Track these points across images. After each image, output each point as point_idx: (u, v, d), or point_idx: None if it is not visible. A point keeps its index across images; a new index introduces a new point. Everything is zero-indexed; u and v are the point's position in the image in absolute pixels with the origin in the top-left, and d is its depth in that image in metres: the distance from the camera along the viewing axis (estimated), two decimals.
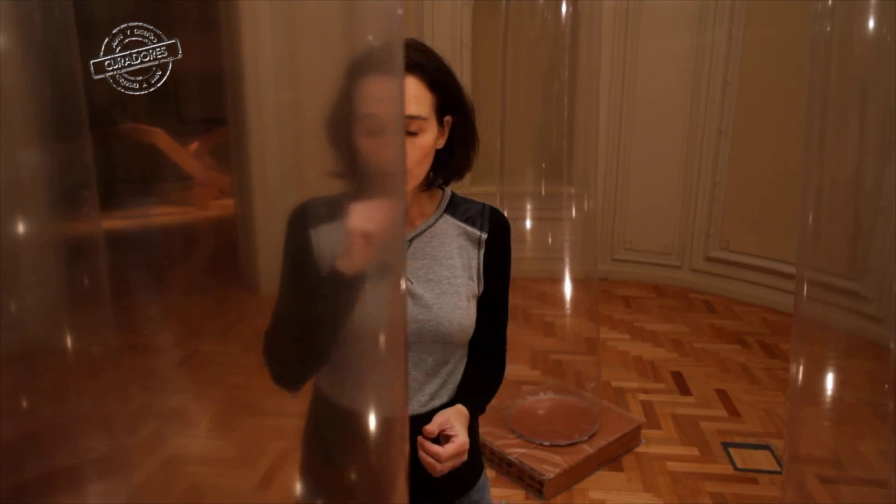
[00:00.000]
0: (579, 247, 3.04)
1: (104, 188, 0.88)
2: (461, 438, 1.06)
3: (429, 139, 1.05)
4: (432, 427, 1.06)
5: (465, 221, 1.18)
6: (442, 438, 1.08)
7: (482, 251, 1.17)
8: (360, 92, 0.85)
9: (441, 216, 1.17)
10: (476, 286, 1.17)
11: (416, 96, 1.03)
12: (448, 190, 1.20)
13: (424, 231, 1.14)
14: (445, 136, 1.10)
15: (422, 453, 1.05)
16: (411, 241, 1.13)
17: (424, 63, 1.04)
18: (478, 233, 1.17)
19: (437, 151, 1.10)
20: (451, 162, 1.13)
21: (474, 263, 1.16)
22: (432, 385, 1.14)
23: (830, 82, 1.44)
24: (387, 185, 0.76)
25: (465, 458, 1.07)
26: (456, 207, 1.18)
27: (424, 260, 1.13)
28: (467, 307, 1.14)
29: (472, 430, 1.26)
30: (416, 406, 1.13)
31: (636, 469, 2.78)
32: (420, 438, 1.05)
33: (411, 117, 1.02)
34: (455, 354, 1.17)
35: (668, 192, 4.96)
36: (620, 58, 4.84)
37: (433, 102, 1.05)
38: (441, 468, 1.05)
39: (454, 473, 1.22)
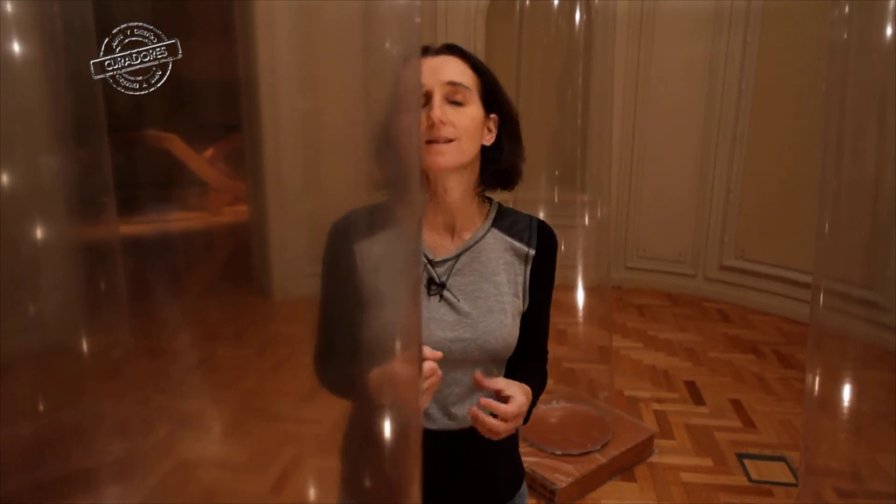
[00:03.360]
0: (592, 254, 3.03)
1: (121, 193, 0.89)
2: (519, 399, 1.01)
3: (476, 112, 1.06)
4: (490, 383, 1.02)
5: (513, 236, 1.15)
6: (500, 400, 1.03)
7: (529, 267, 1.14)
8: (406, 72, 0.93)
9: (489, 230, 1.14)
10: (521, 303, 1.14)
11: (461, 70, 1.06)
12: (496, 201, 1.18)
13: (472, 246, 1.12)
14: (494, 134, 1.10)
15: (483, 416, 0.99)
16: (459, 255, 1.11)
17: (465, 51, 1.09)
18: (525, 249, 1.14)
19: (487, 150, 1.10)
20: (500, 160, 1.11)
21: (520, 280, 1.14)
22: (473, 400, 1.12)
23: (848, 89, 1.43)
24: (414, 186, 0.76)
25: (520, 421, 1.03)
26: (503, 220, 1.16)
27: (471, 276, 1.11)
28: (512, 324, 1.12)
29: (512, 440, 1.23)
30: (459, 422, 1.11)
31: (649, 479, 2.75)
32: (483, 400, 1.00)
33: (454, 83, 1.04)
34: (495, 371, 1.15)
35: (681, 200, 4.93)
36: (634, 64, 4.83)
37: (477, 84, 1.07)
38: (505, 429, 1.00)
39: (493, 482, 1.20)
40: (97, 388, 0.91)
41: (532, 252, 1.14)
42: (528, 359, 1.20)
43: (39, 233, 0.83)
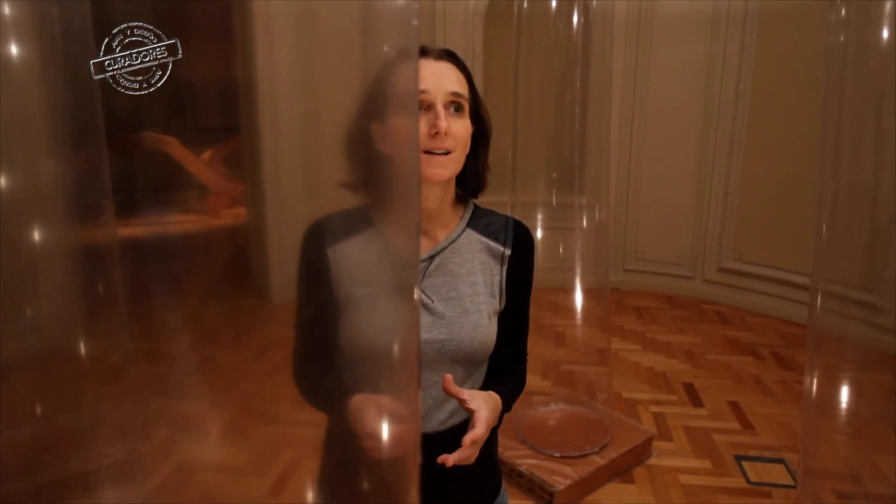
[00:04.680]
0: (591, 257, 3.03)
1: (119, 196, 0.89)
2: (478, 429, 0.98)
3: (468, 124, 1.06)
4: (456, 391, 0.99)
5: (489, 236, 1.14)
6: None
7: (505, 267, 1.14)
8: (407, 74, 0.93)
9: (464, 230, 1.13)
10: (498, 303, 1.14)
11: (458, 79, 1.06)
12: (471, 202, 1.18)
13: (447, 247, 1.11)
14: (469, 143, 1.10)
15: (453, 460, 0.97)
16: (433, 257, 1.11)
17: (459, 59, 1.08)
18: (501, 248, 1.14)
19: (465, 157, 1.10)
20: (474, 169, 1.12)
21: (496, 280, 1.13)
22: (451, 403, 1.10)
23: (846, 92, 1.43)
24: (404, 191, 0.76)
25: (472, 458, 1.00)
26: (479, 220, 1.15)
27: (445, 277, 1.10)
28: (488, 325, 1.11)
29: (492, 445, 1.23)
30: (436, 424, 1.10)
31: (648, 481, 2.75)
32: (440, 458, 0.98)
33: (456, 94, 1.04)
34: (475, 373, 1.14)
35: (680, 202, 4.94)
36: (632, 67, 4.84)
37: (468, 95, 1.07)
38: (472, 454, 0.99)
39: (472, 489, 1.20)
40: (96, 392, 0.91)
41: (508, 252, 1.14)
42: (505, 361, 1.19)
43: (38, 236, 0.83)
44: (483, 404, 1.02)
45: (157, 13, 0.72)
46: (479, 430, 0.99)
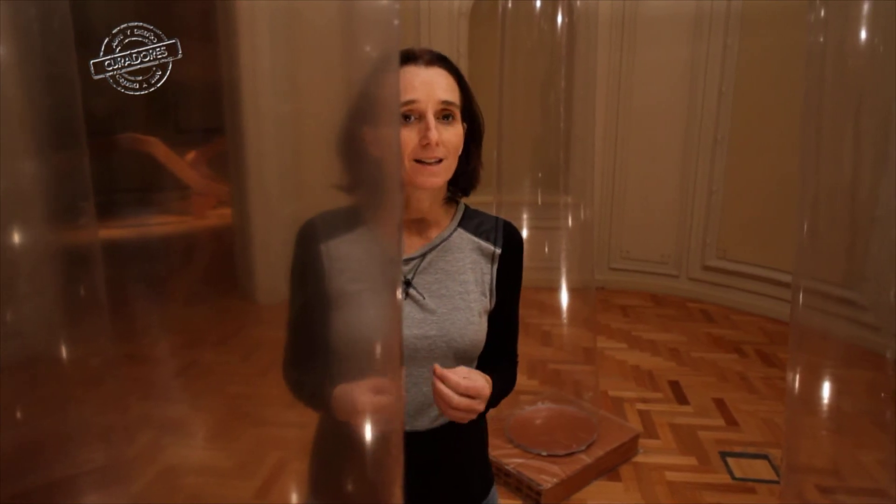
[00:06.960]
0: (576, 256, 3.04)
1: (102, 198, 0.88)
2: (481, 383, 1.01)
3: (460, 128, 1.06)
4: (450, 373, 1.01)
5: (479, 236, 1.16)
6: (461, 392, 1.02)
7: (495, 266, 1.15)
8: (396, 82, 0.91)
9: (455, 230, 1.15)
10: (488, 301, 1.15)
11: (448, 85, 1.05)
12: (462, 202, 1.19)
13: (438, 245, 1.13)
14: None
15: (439, 385, 0.99)
16: (425, 254, 1.12)
17: (451, 63, 1.08)
18: (492, 248, 1.16)
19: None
20: (466, 167, 1.12)
21: (487, 279, 1.15)
22: None
23: (825, 92, 1.45)
24: (392, 192, 0.76)
25: (481, 408, 1.02)
26: (470, 220, 1.17)
27: (437, 274, 1.12)
28: (479, 322, 1.12)
29: (482, 443, 1.24)
30: (427, 422, 1.11)
31: (634, 479, 2.77)
32: (439, 370, 0.99)
33: (448, 102, 1.03)
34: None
35: (664, 201, 4.97)
36: (616, 67, 4.86)
37: (460, 99, 1.07)
38: (457, 402, 0.99)
39: (463, 487, 1.20)
40: (79, 396, 0.90)
41: (498, 251, 1.16)
42: (496, 361, 1.20)
43: (17, 238, 0.82)
44: (480, 377, 1.04)
45: (140, 13, 0.72)
46: (481, 382, 1.01)
